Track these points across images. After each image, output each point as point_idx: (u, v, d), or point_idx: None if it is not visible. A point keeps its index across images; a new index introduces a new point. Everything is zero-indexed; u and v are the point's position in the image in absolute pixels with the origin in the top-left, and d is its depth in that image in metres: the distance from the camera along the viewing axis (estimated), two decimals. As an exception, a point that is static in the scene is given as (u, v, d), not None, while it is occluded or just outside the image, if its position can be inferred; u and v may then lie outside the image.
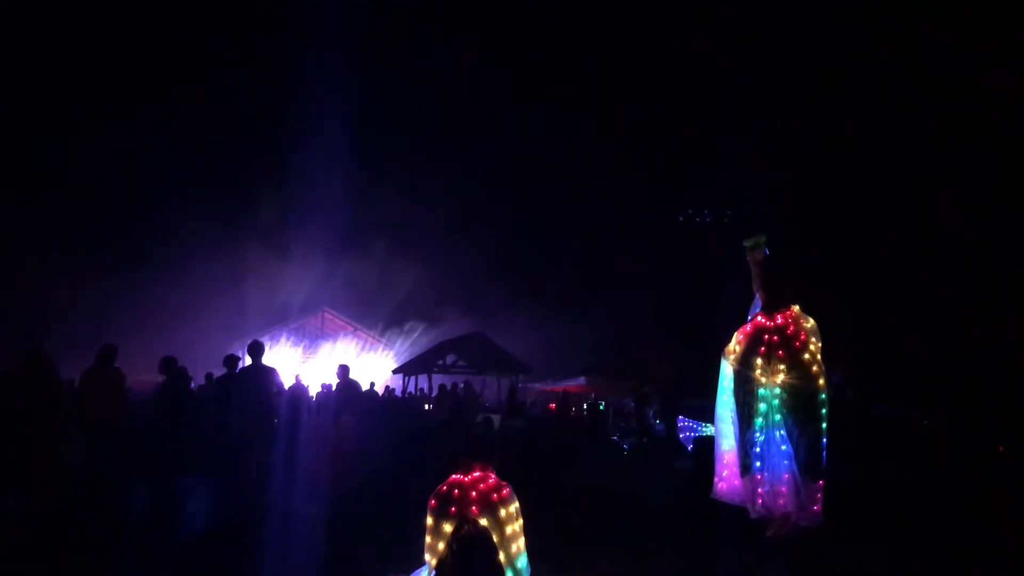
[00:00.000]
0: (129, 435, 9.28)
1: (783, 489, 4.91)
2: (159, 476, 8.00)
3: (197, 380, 16.09)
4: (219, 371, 12.59)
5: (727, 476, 5.34)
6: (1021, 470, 9.78)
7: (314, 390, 18.74)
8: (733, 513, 5.32)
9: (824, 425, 5.03)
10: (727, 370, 5.37)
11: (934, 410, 13.62)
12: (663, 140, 40.84)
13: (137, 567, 6.37)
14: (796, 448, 4.92)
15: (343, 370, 12.51)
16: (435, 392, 21.76)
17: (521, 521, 4.52)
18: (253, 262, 35.72)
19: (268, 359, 9.66)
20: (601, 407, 21.03)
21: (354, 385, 12.68)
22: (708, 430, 15.67)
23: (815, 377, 5.03)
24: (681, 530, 7.78)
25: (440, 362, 25.96)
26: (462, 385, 19.83)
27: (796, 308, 5.33)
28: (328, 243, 35.70)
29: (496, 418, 18.37)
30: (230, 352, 13.29)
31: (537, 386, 26.55)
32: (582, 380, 26.17)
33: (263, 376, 9.44)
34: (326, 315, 38.05)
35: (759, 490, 4.98)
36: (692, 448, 13.19)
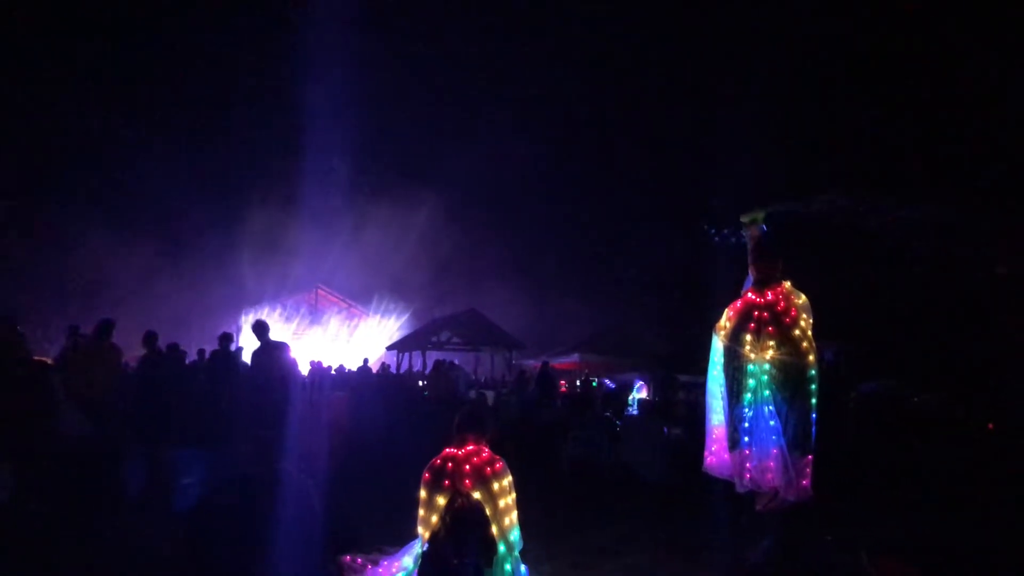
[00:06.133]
0: (125, 409, 9.31)
1: (771, 464, 4.96)
2: (154, 449, 8.07)
3: (190, 355, 16.13)
4: (212, 347, 12.65)
5: (716, 451, 5.40)
6: (1009, 447, 9.89)
7: (305, 367, 18.82)
8: (724, 487, 5.38)
9: (813, 401, 5.06)
10: (718, 345, 5.41)
11: (925, 388, 13.71)
12: (659, 116, 40.58)
13: (132, 539, 6.42)
14: (785, 424, 4.96)
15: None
16: (429, 368, 21.86)
17: (514, 495, 4.57)
18: (247, 239, 35.66)
19: (254, 338, 9.63)
20: (594, 383, 21.18)
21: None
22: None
23: (805, 353, 5.06)
24: (673, 504, 7.87)
25: (434, 339, 26.07)
26: (447, 364, 19.90)
27: (787, 284, 5.35)
28: (322, 220, 35.67)
29: (490, 394, 18.48)
30: (224, 329, 13.36)
31: (531, 362, 26.70)
32: (575, 357, 26.29)
33: (278, 352, 9.48)
34: (320, 291, 38.05)
35: (747, 464, 5.03)
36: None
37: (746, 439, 5.06)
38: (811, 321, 5.25)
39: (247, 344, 16.21)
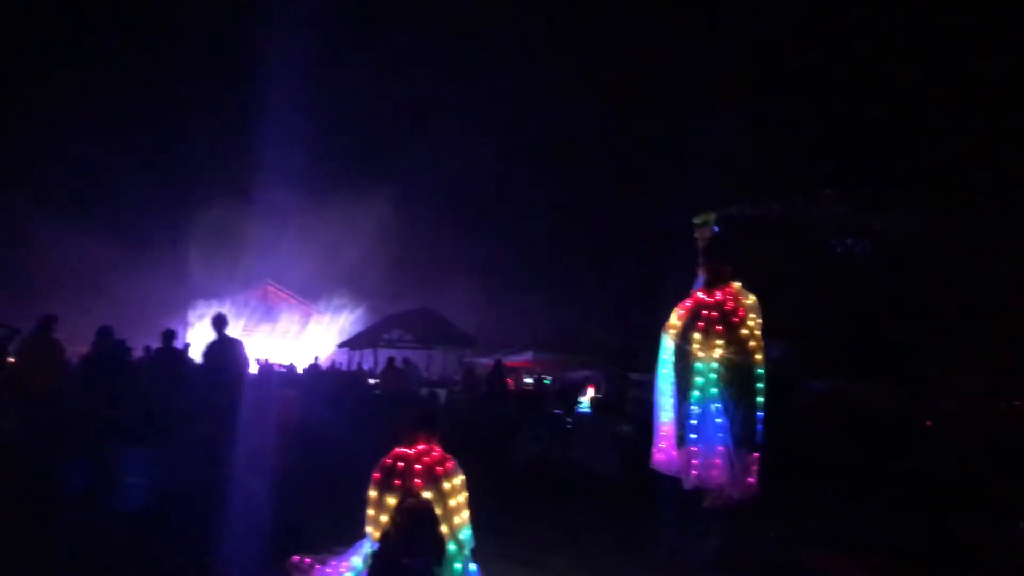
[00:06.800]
0: (68, 407, 9.09)
1: (717, 461, 5.04)
2: (99, 447, 7.89)
3: (137, 351, 15.78)
4: (156, 342, 12.41)
5: (664, 447, 5.46)
6: (945, 443, 10.21)
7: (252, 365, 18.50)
8: (673, 484, 5.45)
9: (760, 400, 5.16)
10: (668, 344, 5.48)
11: (869, 386, 14.05)
12: (618, 118, 40.83)
13: (75, 540, 6.28)
14: (731, 422, 5.04)
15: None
16: (381, 366, 21.70)
17: (466, 494, 4.56)
18: (196, 233, 35.01)
19: (204, 334, 9.50)
20: (546, 382, 21.26)
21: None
22: None
23: (752, 352, 5.16)
24: (623, 500, 7.94)
25: (386, 336, 25.86)
26: (400, 362, 19.85)
27: (737, 285, 5.45)
28: (273, 214, 35.10)
29: (442, 392, 18.43)
30: (171, 325, 13.13)
31: (484, 361, 26.67)
32: (529, 355, 26.32)
33: (234, 348, 9.32)
34: (268, 288, 37.47)
35: (693, 461, 5.11)
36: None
37: (693, 436, 5.13)
38: (760, 321, 5.35)
39: (195, 340, 15.95)
